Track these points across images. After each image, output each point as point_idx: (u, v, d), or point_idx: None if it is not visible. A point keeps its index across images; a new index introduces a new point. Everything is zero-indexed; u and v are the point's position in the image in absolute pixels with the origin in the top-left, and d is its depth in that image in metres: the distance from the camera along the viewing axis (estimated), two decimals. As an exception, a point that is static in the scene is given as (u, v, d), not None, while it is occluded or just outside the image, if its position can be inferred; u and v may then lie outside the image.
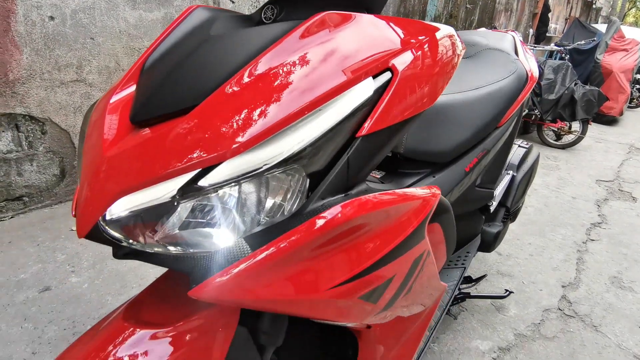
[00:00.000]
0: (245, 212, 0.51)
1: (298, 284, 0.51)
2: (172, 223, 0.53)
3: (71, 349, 0.65)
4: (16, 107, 2.13)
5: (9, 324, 1.52)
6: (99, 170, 0.52)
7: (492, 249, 1.54)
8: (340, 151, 0.54)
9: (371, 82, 0.56)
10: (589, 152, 4.62)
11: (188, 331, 0.64)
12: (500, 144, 1.36)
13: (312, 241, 0.50)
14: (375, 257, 0.56)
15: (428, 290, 0.80)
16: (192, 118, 0.52)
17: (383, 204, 0.56)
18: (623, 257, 2.37)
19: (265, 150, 0.49)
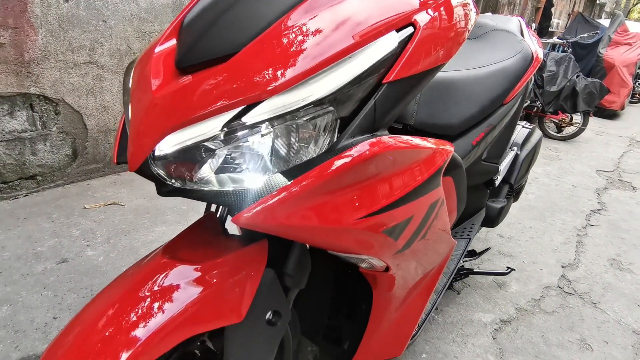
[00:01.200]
0: (281, 149, 0.56)
1: (329, 214, 0.57)
2: (212, 165, 0.59)
3: (113, 284, 0.71)
4: (31, 87, 2.17)
5: (29, 291, 1.58)
6: (149, 110, 0.58)
7: (496, 224, 1.60)
8: (368, 96, 0.60)
9: (395, 35, 0.61)
10: (590, 144, 4.67)
11: (221, 269, 0.70)
12: (505, 121, 1.41)
13: (342, 174, 0.56)
14: (398, 194, 0.62)
15: (440, 240, 0.86)
16: (233, 64, 0.57)
17: (406, 146, 0.61)
18: (622, 242, 2.43)
19: (300, 91, 0.55)
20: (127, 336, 0.61)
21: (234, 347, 0.72)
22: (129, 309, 0.64)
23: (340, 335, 1.09)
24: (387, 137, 0.60)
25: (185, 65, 0.59)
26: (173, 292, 0.66)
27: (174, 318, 0.63)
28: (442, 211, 0.78)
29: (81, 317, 0.67)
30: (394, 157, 0.60)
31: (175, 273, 0.68)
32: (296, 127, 0.56)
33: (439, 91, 1.23)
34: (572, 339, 1.60)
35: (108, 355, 0.59)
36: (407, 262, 0.78)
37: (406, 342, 1.05)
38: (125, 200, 2.34)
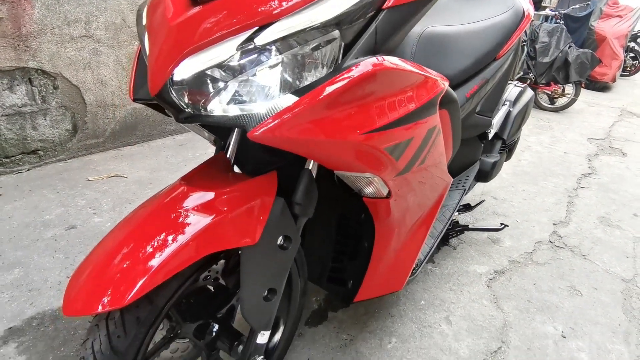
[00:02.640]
0: (290, 73, 0.61)
1: (335, 128, 0.62)
2: (226, 94, 0.63)
3: (134, 211, 0.76)
4: (29, 61, 2.19)
5: (41, 255, 1.63)
6: (166, 38, 0.62)
7: (490, 178, 1.66)
8: (369, 22, 0.64)
9: None
10: (582, 114, 4.73)
11: (235, 196, 0.75)
12: (498, 75, 1.46)
13: (347, 90, 0.61)
14: (398, 114, 0.67)
15: (437, 171, 0.91)
16: None
17: (405, 69, 0.66)
18: (612, 201, 2.51)
19: (307, 14, 0.59)
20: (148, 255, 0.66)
21: (249, 269, 0.78)
22: (150, 230, 0.70)
23: (344, 276, 1.15)
24: (389, 58, 0.65)
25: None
26: (191, 216, 0.71)
27: (193, 238, 0.68)
28: (439, 140, 0.83)
29: (105, 242, 0.72)
30: (394, 77, 0.65)
31: (192, 199, 0.74)
32: (303, 48, 0.60)
33: (435, 45, 1.27)
34: (563, 286, 1.69)
35: (132, 272, 0.64)
36: (407, 188, 0.84)
37: (406, 276, 1.12)
38: (127, 173, 2.38)
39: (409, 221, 0.97)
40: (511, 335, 1.40)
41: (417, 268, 1.22)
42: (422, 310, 1.47)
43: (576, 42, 6.75)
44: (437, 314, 1.46)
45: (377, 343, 1.32)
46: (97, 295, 0.62)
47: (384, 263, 1.02)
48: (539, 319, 1.49)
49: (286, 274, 0.83)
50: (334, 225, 1.10)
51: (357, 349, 1.29)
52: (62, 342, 1.26)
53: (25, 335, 1.28)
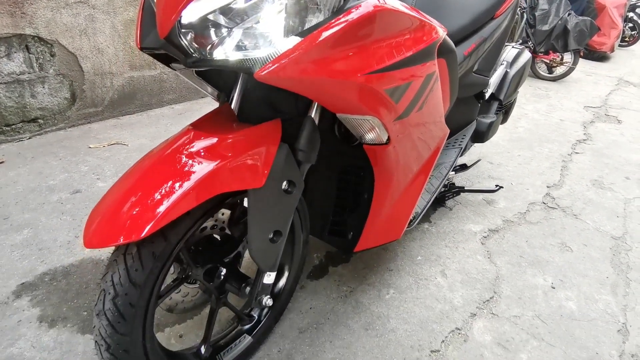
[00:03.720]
0: (294, 15, 0.64)
1: (337, 68, 0.65)
2: (232, 39, 0.66)
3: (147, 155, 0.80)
4: (25, 27, 2.17)
5: (48, 217, 1.68)
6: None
7: (486, 139, 1.69)
8: None
9: None
10: (579, 83, 4.73)
11: (242, 140, 0.79)
12: (496, 35, 1.47)
13: (348, 31, 0.64)
14: (398, 57, 0.70)
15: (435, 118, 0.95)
16: None
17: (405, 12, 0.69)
18: (605, 165, 2.56)
19: None
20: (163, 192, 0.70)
21: (256, 212, 0.82)
22: (164, 171, 0.73)
23: (344, 228, 1.20)
24: (390, 1, 0.67)
25: None
26: (201, 158, 0.75)
27: (204, 178, 0.72)
28: (437, 87, 0.86)
29: (121, 182, 0.76)
30: (394, 19, 0.68)
31: (201, 144, 0.77)
32: None
33: (433, 2, 1.28)
34: (554, 242, 1.75)
35: (148, 208, 0.68)
36: (405, 133, 0.87)
37: (404, 226, 1.17)
38: (127, 141, 2.40)
39: (407, 170, 1.00)
40: (503, 287, 1.47)
41: (414, 219, 1.27)
42: (419, 265, 1.54)
43: (576, 10, 6.66)
44: (433, 268, 1.53)
45: (375, 294, 1.38)
46: (115, 229, 0.66)
47: (383, 213, 1.07)
48: (530, 272, 1.56)
49: (290, 217, 0.88)
50: (335, 180, 1.14)
51: (357, 299, 1.36)
52: (75, 294, 1.31)
53: (38, 290, 1.33)
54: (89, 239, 0.67)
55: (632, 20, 7.78)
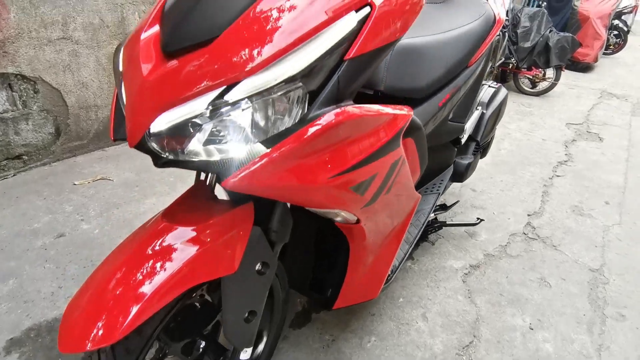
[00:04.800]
0: (259, 122, 0.66)
1: (303, 174, 0.67)
2: (200, 137, 0.68)
3: (119, 248, 0.81)
4: (8, 66, 2.17)
5: (32, 265, 1.68)
6: (142, 93, 0.66)
7: (464, 178, 1.73)
8: (332, 71, 0.69)
9: (354, 15, 0.70)
10: (562, 97, 4.82)
11: (214, 228, 0.80)
12: (470, 82, 1.51)
13: (311, 141, 0.66)
14: (361, 156, 0.73)
15: (405, 194, 0.98)
16: (214, 47, 0.65)
17: (367, 114, 0.72)
18: (585, 189, 2.62)
19: (273, 71, 0.64)
20: (135, 292, 0.72)
21: (230, 295, 0.84)
22: (135, 268, 0.75)
23: (324, 285, 1.23)
24: (351, 107, 0.70)
25: (170, 50, 0.67)
26: (173, 252, 0.77)
27: (176, 273, 0.74)
28: (404, 168, 0.89)
29: (93, 279, 0.77)
30: (357, 124, 0.70)
31: (173, 235, 0.79)
32: (272, 101, 0.65)
33: (407, 57, 1.32)
34: (533, 278, 1.79)
35: (120, 309, 0.70)
36: (375, 214, 0.90)
37: (380, 285, 1.20)
38: (113, 175, 2.40)
39: (380, 238, 1.03)
40: (482, 329, 1.50)
41: (391, 275, 1.30)
42: (401, 308, 1.56)
43: (560, 21, 6.79)
44: (415, 311, 1.56)
45: (357, 342, 1.41)
46: (89, 332, 0.68)
47: (359, 274, 1.09)
48: (509, 311, 1.59)
49: (265, 296, 0.90)
50: (313, 239, 1.16)
51: (339, 348, 1.38)
52: (58, 353, 1.32)
53: (25, 346, 1.34)
54: (64, 343, 0.68)
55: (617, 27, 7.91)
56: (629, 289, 1.77)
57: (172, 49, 0.67)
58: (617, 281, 1.81)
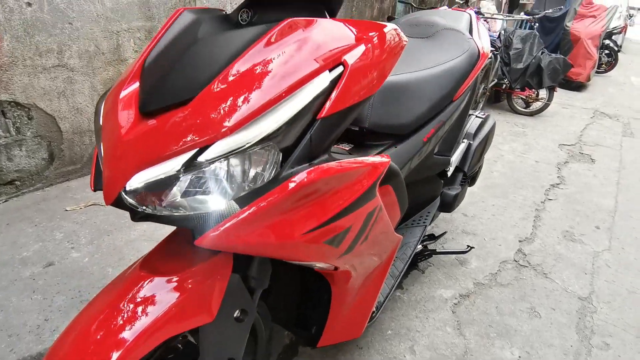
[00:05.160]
0: (234, 180, 0.67)
1: (276, 232, 0.68)
2: (176, 192, 0.69)
3: (99, 296, 0.82)
4: (1, 94, 2.19)
5: (19, 296, 1.67)
6: (118, 152, 0.67)
7: (452, 209, 1.74)
8: (305, 130, 0.71)
9: (327, 75, 0.72)
10: (555, 118, 4.86)
11: (192, 278, 0.81)
12: (455, 116, 1.53)
13: (285, 200, 0.67)
14: (335, 211, 0.74)
15: (384, 239, 0.99)
16: (189, 108, 0.67)
17: (339, 170, 0.73)
18: (576, 213, 2.63)
19: (247, 132, 0.65)
20: (115, 340, 0.72)
21: (208, 343, 0.84)
22: (115, 318, 0.75)
23: (308, 322, 1.22)
24: (325, 164, 0.71)
25: (147, 110, 0.69)
26: (152, 302, 0.77)
27: (154, 322, 0.74)
28: (381, 216, 0.90)
29: (74, 326, 0.78)
30: (329, 181, 0.71)
31: (152, 285, 0.79)
32: (245, 161, 0.67)
33: (391, 94, 1.34)
34: (523, 308, 1.79)
35: (101, 356, 0.70)
36: (353, 261, 0.91)
37: (364, 324, 1.19)
38: (105, 200, 2.40)
39: (361, 279, 1.04)
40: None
41: (376, 312, 1.29)
42: (389, 341, 1.56)
43: (552, 41, 6.90)
44: (403, 344, 1.55)
45: (344, 377, 1.40)
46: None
47: (342, 314, 1.09)
48: (498, 344, 1.59)
49: (244, 343, 0.90)
50: (297, 277, 1.17)
51: (325, 384, 1.37)
52: (40, 390, 1.31)
53: (6, 384, 1.33)
54: None
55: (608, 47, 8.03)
56: (615, 316, 1.77)
57: (149, 109, 0.69)
58: (604, 309, 1.81)
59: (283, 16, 0.83)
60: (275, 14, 0.83)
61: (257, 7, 0.83)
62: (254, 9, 0.82)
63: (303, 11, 0.86)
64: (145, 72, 0.75)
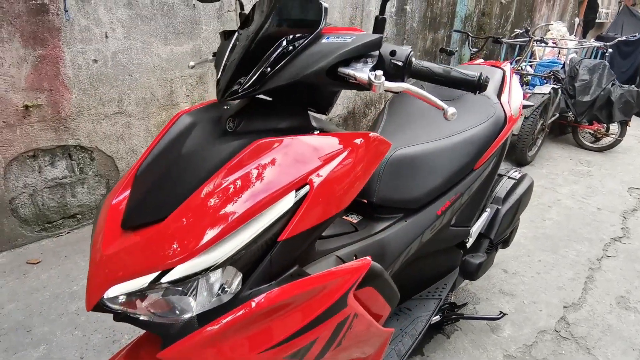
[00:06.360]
0: (195, 300, 0.71)
1: (235, 349, 0.71)
2: (146, 303, 0.75)
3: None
4: (68, 139, 2.47)
5: (63, 331, 1.85)
6: (99, 265, 0.75)
7: (476, 277, 1.65)
8: (265, 252, 0.73)
9: (292, 196, 0.74)
10: (629, 154, 4.42)
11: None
12: (475, 186, 1.46)
13: (242, 320, 0.70)
14: (297, 327, 0.74)
15: (366, 338, 0.96)
16: (161, 227, 0.72)
17: (303, 288, 0.74)
18: (636, 275, 2.36)
19: (207, 256, 0.69)
20: None
21: None
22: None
23: None
24: (286, 286, 0.73)
25: (128, 227, 0.76)
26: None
27: None
28: (356, 323, 0.88)
29: None
30: (290, 301, 0.73)
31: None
32: (206, 282, 0.70)
33: (403, 167, 1.32)
34: (557, 390, 1.63)
35: None
36: None
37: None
38: (151, 236, 2.59)
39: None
40: None
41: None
42: (399, 416, 1.50)
43: (630, 67, 6.34)
44: (413, 421, 1.48)
45: None
46: None
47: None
48: None
49: None
50: None
51: None
52: None
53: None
54: None
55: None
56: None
57: (128, 226, 0.75)
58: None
59: (268, 125, 0.87)
60: (260, 122, 0.87)
61: (243, 115, 0.87)
62: (239, 118, 0.87)
63: (289, 118, 0.89)
64: (135, 183, 0.82)
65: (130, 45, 2.56)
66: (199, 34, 2.87)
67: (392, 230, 1.27)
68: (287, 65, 0.81)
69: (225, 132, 0.88)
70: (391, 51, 0.81)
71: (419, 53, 4.82)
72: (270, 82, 0.81)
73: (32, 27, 2.19)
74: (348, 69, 0.79)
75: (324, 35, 0.83)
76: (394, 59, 0.80)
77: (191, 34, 2.83)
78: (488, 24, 5.77)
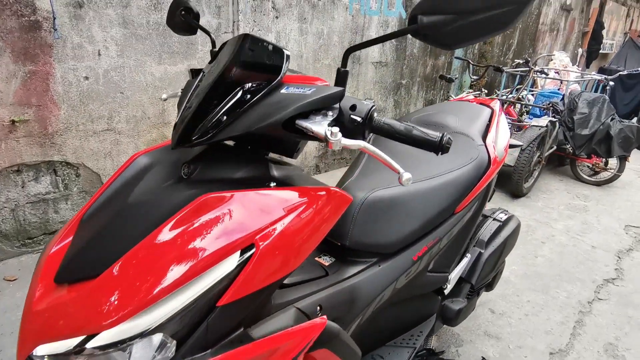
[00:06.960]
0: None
1: None
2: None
3: None
4: (54, 155, 2.45)
5: (29, 356, 1.78)
6: (29, 321, 0.70)
7: (456, 324, 1.58)
8: (202, 317, 0.68)
9: (236, 258, 0.69)
10: (627, 190, 4.36)
11: None
12: (456, 230, 1.42)
13: None
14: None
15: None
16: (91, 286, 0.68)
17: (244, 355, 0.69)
18: (626, 321, 2.28)
19: (136, 322, 0.64)
20: None
21: None
22: None
23: None
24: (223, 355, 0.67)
25: (60, 282, 0.72)
26: None
27: None
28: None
29: None
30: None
31: None
32: (133, 350, 0.65)
33: (379, 209, 1.27)
34: None
35: None
36: None
37: None
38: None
39: None
40: None
41: None
42: None
43: (632, 99, 6.32)
44: None
45: None
46: None
47: None
48: None
49: None
50: None
51: None
52: None
53: None
54: None
55: None
56: None
57: (61, 282, 0.71)
58: None
59: (224, 174, 0.83)
60: (216, 170, 0.83)
61: (199, 162, 0.84)
62: (195, 164, 0.83)
63: (247, 167, 0.86)
64: (79, 231, 0.78)
65: (124, 64, 2.55)
66: (194, 54, 2.87)
67: (365, 275, 1.22)
68: (243, 114, 0.77)
69: (179, 179, 0.84)
70: (352, 105, 0.78)
71: (418, 79, 4.82)
72: (226, 131, 0.78)
73: (24, 43, 2.18)
74: (306, 121, 0.76)
75: (284, 85, 0.80)
76: (353, 114, 0.77)
77: (186, 53, 2.83)
78: (490, 52, 5.78)
